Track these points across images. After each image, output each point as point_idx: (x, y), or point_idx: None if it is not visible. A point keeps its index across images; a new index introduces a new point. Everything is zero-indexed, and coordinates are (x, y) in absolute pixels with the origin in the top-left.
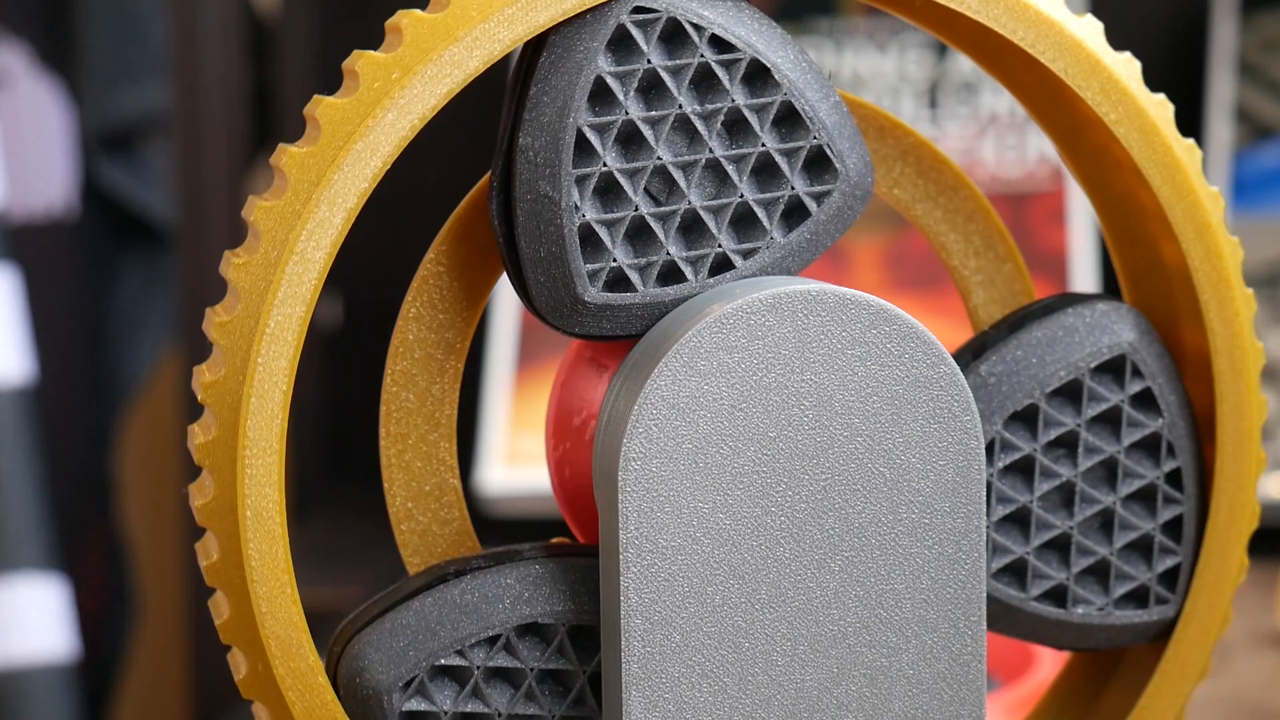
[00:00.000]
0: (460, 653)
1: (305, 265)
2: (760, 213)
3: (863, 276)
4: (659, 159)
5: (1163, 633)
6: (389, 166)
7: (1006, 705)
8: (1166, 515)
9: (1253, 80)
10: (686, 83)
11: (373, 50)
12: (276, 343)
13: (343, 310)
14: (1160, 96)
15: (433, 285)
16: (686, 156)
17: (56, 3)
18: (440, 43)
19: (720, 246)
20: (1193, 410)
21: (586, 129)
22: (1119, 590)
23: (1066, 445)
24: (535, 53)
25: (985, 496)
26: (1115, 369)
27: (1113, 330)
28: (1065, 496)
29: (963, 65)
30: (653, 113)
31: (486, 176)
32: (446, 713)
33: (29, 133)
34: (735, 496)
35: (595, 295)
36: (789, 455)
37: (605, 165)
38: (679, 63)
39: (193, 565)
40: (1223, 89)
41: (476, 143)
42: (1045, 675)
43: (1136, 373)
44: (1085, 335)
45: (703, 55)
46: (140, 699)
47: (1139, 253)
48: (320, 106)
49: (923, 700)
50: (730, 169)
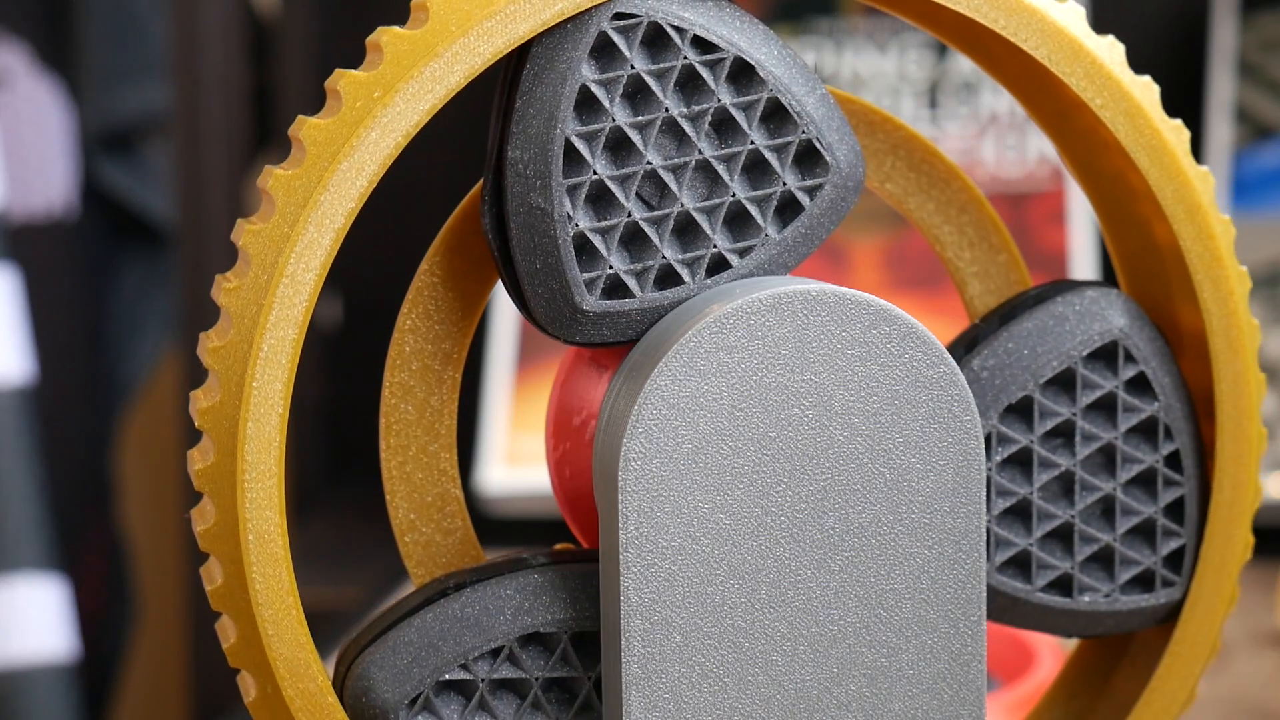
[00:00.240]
0: (464, 666)
1: (296, 288)
2: (753, 210)
3: (863, 276)
4: (649, 163)
5: (1170, 615)
6: (375, 184)
7: (1006, 705)
8: (1168, 498)
9: (1253, 80)
10: (671, 85)
11: (367, 55)
12: (271, 366)
13: (343, 310)
14: (1145, 78)
15: (427, 296)
16: (676, 159)
17: (56, 3)
18: (421, 59)
19: (715, 247)
20: (1188, 391)
21: (574, 138)
22: (1124, 575)
23: (1063, 435)
24: (518, 65)
25: (986, 495)
26: (1108, 355)
27: (1103, 317)
28: (1065, 486)
29: (963, 65)
30: (640, 118)
31: (476, 187)
32: None
33: (29, 133)
34: (735, 496)
35: (594, 303)
36: (789, 455)
37: (595, 173)
38: (663, 66)
39: (193, 565)
40: (1223, 89)
41: (477, 142)
42: (1045, 675)
43: (1129, 358)
44: (1076, 323)
45: (686, 57)
46: (140, 699)
47: (1131, 234)
48: (304, 128)
49: (923, 700)
50: (721, 169)
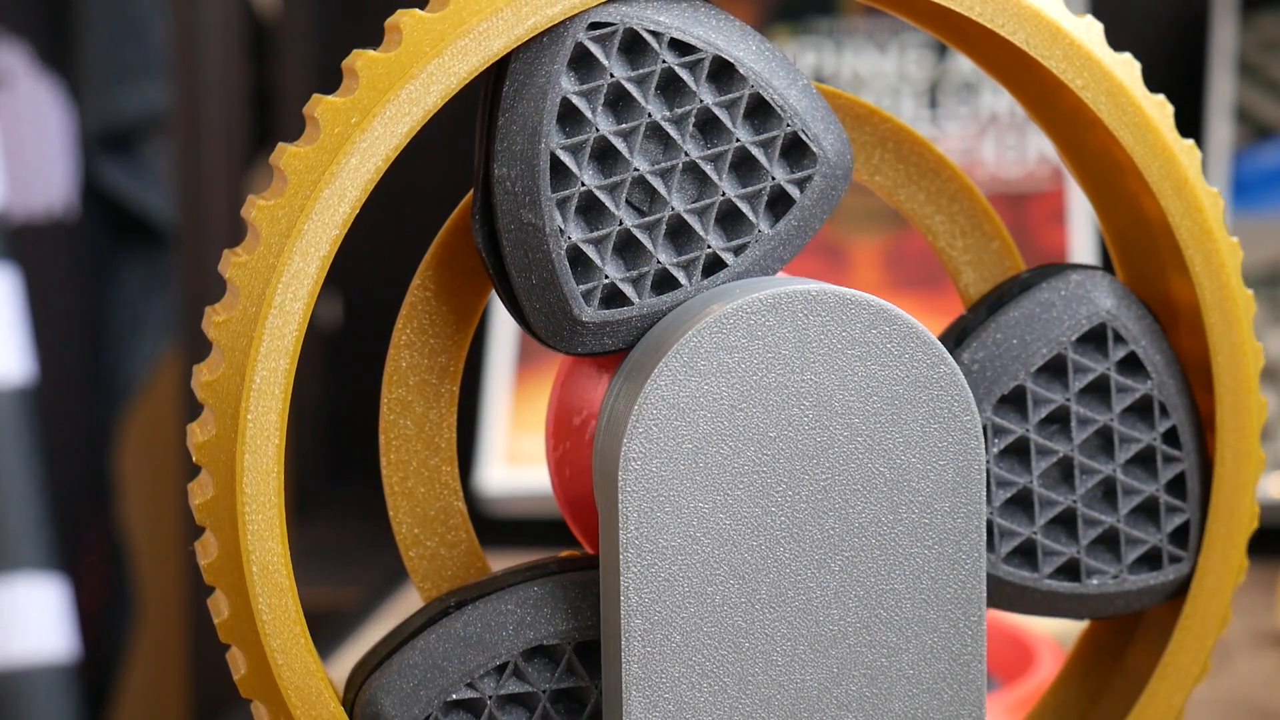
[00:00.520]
0: (471, 685)
1: (285, 318)
2: (745, 207)
3: (863, 276)
4: (636, 170)
5: (1180, 590)
6: (358, 210)
7: (1006, 705)
8: (1168, 474)
9: (1253, 80)
10: (653, 90)
11: (344, 79)
12: (264, 398)
13: (343, 310)
14: (1126, 55)
15: (421, 311)
16: (663, 163)
17: (56, 3)
18: (396, 82)
19: (709, 247)
20: (1181, 366)
21: (560, 152)
22: (1131, 555)
23: (1059, 421)
24: (497, 81)
25: (985, 493)
26: (1097, 338)
27: (1090, 300)
28: (1064, 471)
29: (963, 65)
30: (623, 125)
31: (465, 200)
32: None
33: (29, 133)
34: (735, 496)
35: (593, 314)
36: (789, 455)
37: (584, 185)
38: (642, 72)
39: (193, 565)
40: (1223, 89)
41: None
42: (1045, 675)
43: (1119, 338)
44: (1063, 309)
45: (664, 61)
46: (140, 699)
47: (1121, 209)
48: (285, 156)
49: (923, 700)
50: (708, 169)
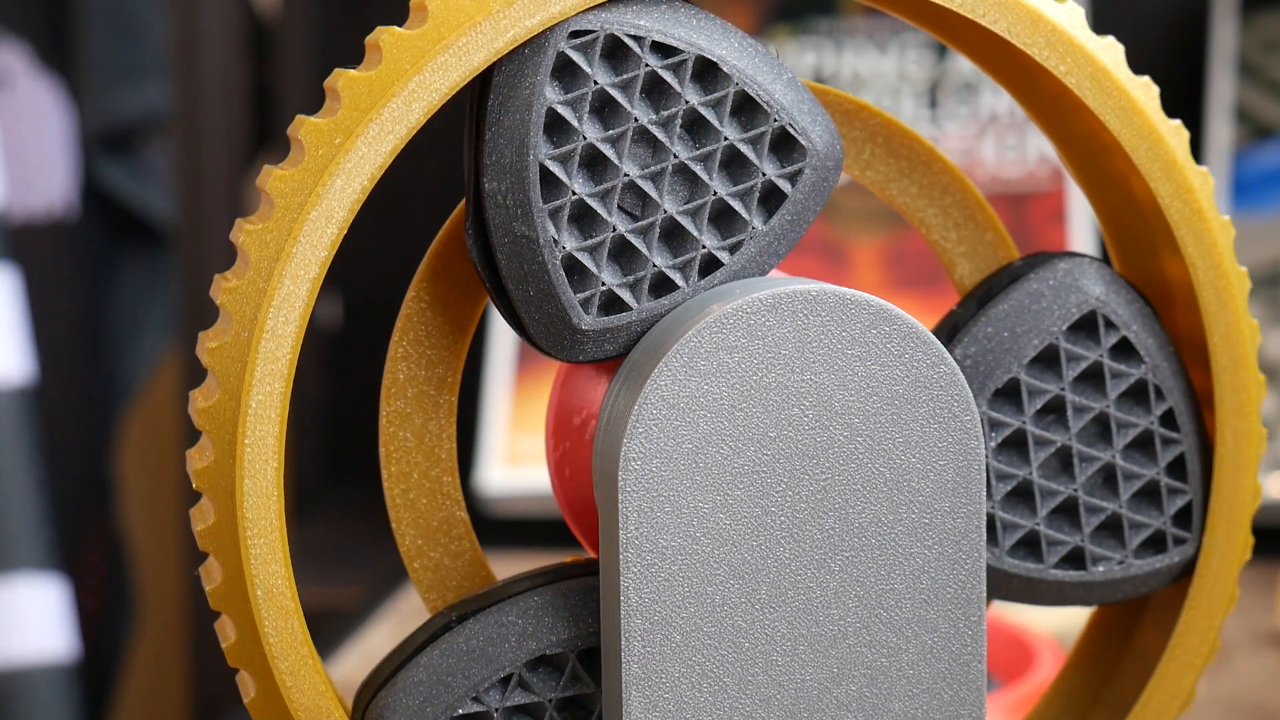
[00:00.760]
0: (476, 699)
1: (277, 342)
2: (737, 205)
3: (863, 276)
4: (626, 175)
5: (1185, 571)
6: (346, 230)
7: (1006, 705)
8: (1168, 456)
9: (1253, 80)
10: (637, 94)
11: (326, 100)
12: (261, 422)
13: (343, 310)
14: (1109, 39)
15: (417, 323)
16: (653, 166)
17: (56, 3)
18: (378, 100)
19: (705, 247)
20: (1174, 348)
21: (548, 162)
22: (1135, 540)
23: (1055, 411)
24: (482, 94)
25: (985, 492)
26: (1088, 325)
27: (1079, 288)
28: (1064, 461)
29: (963, 65)
30: (610, 131)
31: (457, 211)
32: None
33: (29, 133)
34: (735, 496)
35: (592, 322)
36: (789, 455)
37: (575, 193)
38: (626, 77)
39: (192, 565)
40: (1223, 89)
41: None
42: (1045, 675)
43: (1110, 325)
44: (1052, 299)
45: (647, 64)
46: (140, 699)
47: (1111, 191)
48: (270, 179)
49: (923, 700)
50: (698, 169)
